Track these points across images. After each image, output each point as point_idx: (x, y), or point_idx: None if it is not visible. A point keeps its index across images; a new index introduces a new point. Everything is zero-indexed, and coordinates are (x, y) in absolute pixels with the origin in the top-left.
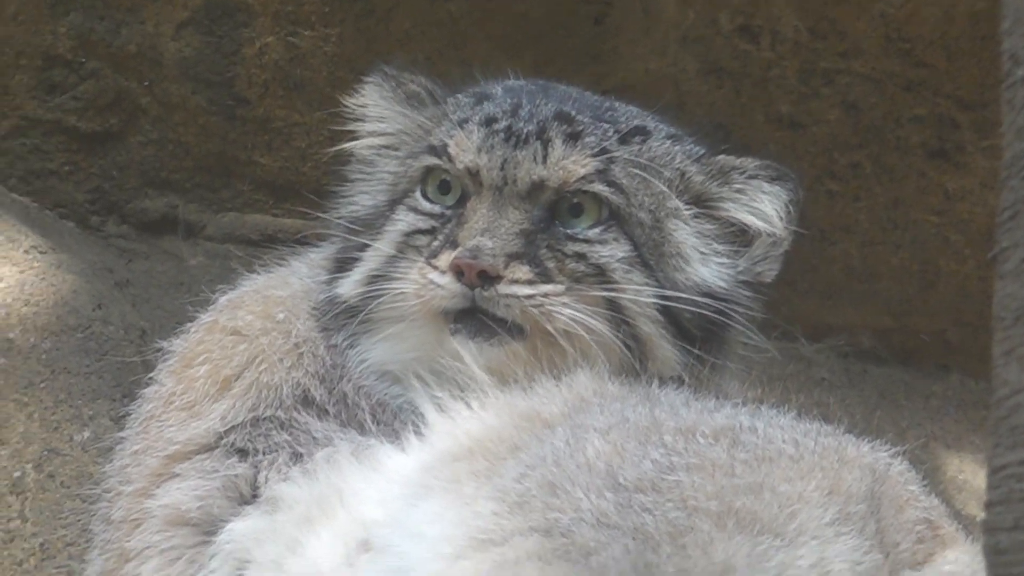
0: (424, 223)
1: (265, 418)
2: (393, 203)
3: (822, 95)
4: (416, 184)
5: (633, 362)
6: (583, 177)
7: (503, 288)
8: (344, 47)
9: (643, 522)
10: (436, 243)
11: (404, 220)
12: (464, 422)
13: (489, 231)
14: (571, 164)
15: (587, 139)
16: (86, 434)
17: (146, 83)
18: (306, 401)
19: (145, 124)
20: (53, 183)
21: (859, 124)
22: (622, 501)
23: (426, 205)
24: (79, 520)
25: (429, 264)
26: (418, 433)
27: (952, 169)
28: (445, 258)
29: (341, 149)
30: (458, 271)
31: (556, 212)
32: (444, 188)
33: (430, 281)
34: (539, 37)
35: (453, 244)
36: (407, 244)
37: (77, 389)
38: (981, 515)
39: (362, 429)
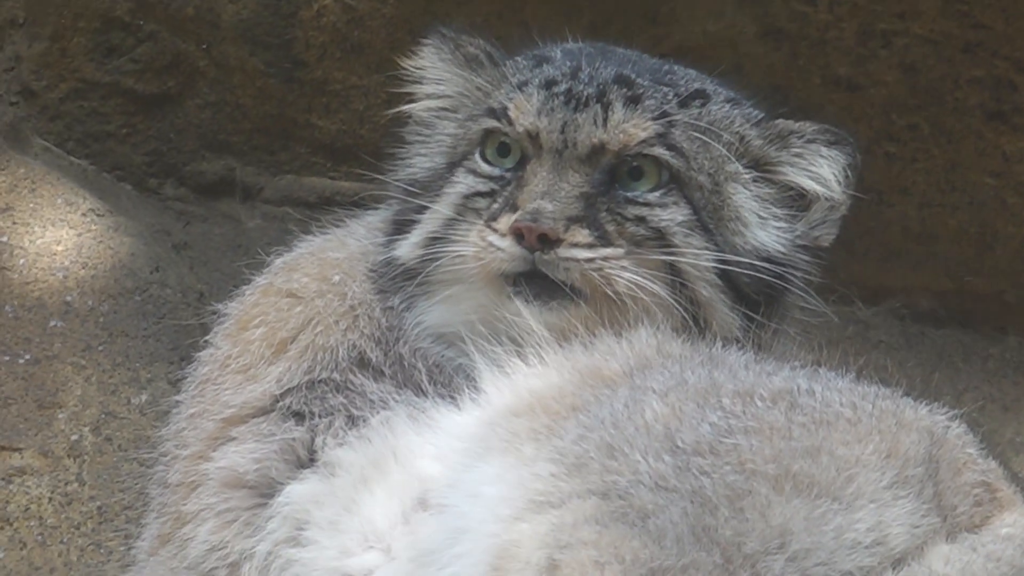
0: (483, 186)
1: (321, 380)
2: (452, 165)
3: (880, 57)
4: (475, 147)
5: (692, 326)
6: (643, 141)
7: (563, 251)
8: (402, 9)
9: (701, 485)
10: (495, 206)
11: (463, 182)
12: (525, 379)
13: (549, 194)
14: (631, 127)
15: (647, 102)
16: (143, 397)
17: (204, 45)
18: (362, 363)
19: (203, 86)
20: (111, 146)
21: (916, 86)
22: (680, 464)
23: (485, 168)
24: (136, 484)
25: (489, 227)
26: (475, 393)
27: (1010, 131)
28: (505, 221)
29: (399, 111)
30: (518, 234)
31: (615, 175)
32: (503, 151)
33: (490, 244)
34: None
35: (513, 207)
36: (466, 207)
37: (134, 352)
38: None
39: (419, 391)
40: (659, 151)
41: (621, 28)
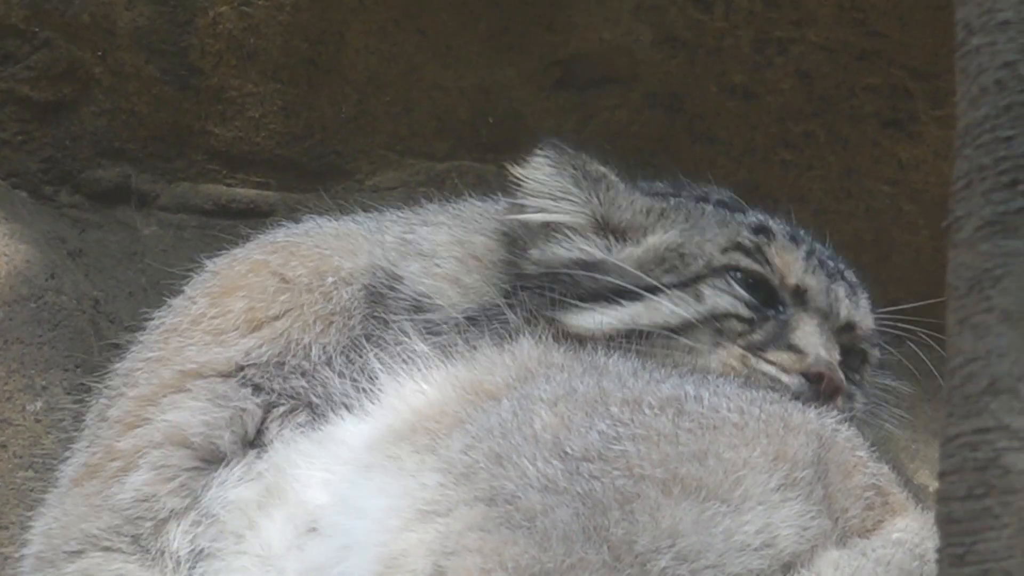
0: (744, 312)
1: (288, 364)
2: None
3: (776, 64)
4: (714, 272)
5: None
6: (873, 331)
7: (841, 402)
8: (298, 16)
9: (591, 488)
10: (757, 337)
11: (721, 301)
12: (409, 396)
13: (827, 349)
14: (871, 317)
15: (865, 294)
16: (39, 404)
17: (99, 53)
18: (330, 364)
19: (98, 94)
20: (6, 153)
21: (812, 93)
22: (570, 469)
23: (745, 296)
24: (32, 491)
25: (756, 355)
26: (365, 409)
27: (906, 139)
28: (782, 357)
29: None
30: (816, 377)
31: (849, 352)
32: (751, 289)
33: (762, 372)
34: (494, 5)
35: (787, 347)
36: (714, 322)
37: (30, 359)
38: (934, 484)
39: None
40: (872, 344)
41: (518, 36)
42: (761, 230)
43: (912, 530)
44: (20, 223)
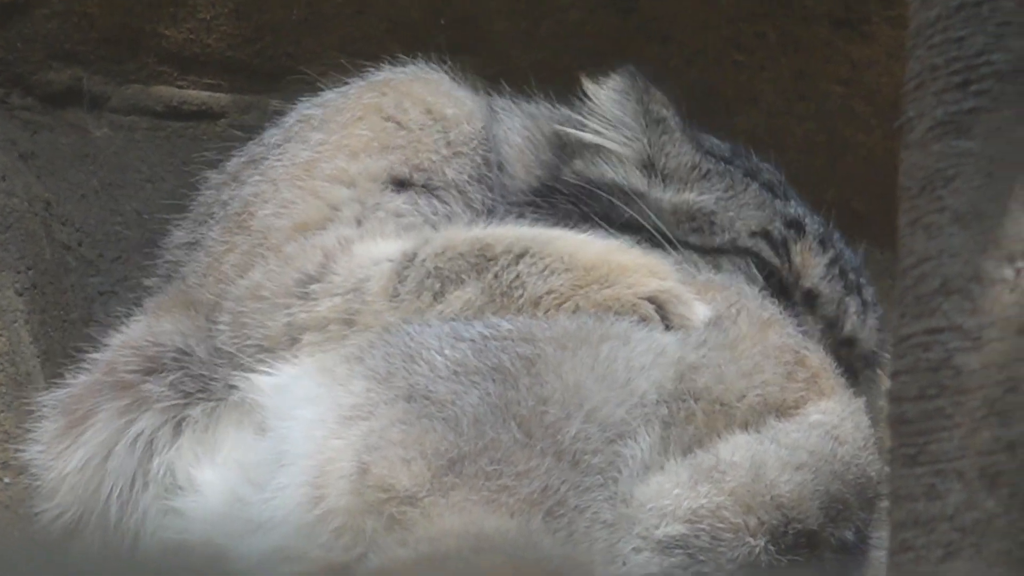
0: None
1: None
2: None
3: None
4: (742, 255)
5: None
6: (873, 353)
7: None
8: None
9: (499, 360)
10: None
11: (735, 278)
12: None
13: None
14: (875, 338)
15: (874, 313)
16: None
17: None
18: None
19: None
20: None
21: None
22: (477, 347)
23: (760, 282)
24: None
25: None
26: None
27: (858, 39)
28: None
29: None
30: None
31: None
32: (765, 276)
33: None
34: None
35: None
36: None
37: None
38: (887, 385)
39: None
40: (866, 364)
41: None
42: (794, 224)
43: (833, 412)
44: None
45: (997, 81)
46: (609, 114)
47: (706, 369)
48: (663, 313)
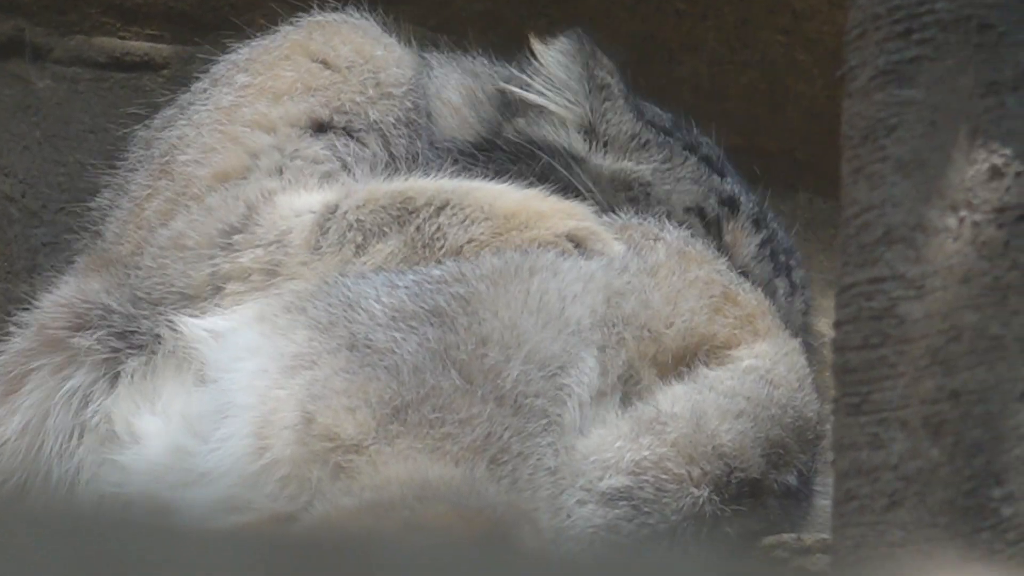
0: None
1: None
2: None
3: None
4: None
5: None
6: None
7: None
8: None
9: (436, 302)
10: None
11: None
12: None
13: None
14: (800, 320)
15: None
16: None
17: None
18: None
19: None
20: None
21: None
22: (413, 291)
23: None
24: None
25: None
26: None
27: None
28: None
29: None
30: None
31: None
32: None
33: None
34: None
35: None
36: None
37: None
38: (831, 334)
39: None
40: None
41: None
42: (728, 202)
43: (766, 355)
44: None
45: (940, 30)
46: (554, 76)
47: (631, 294)
48: (581, 250)
